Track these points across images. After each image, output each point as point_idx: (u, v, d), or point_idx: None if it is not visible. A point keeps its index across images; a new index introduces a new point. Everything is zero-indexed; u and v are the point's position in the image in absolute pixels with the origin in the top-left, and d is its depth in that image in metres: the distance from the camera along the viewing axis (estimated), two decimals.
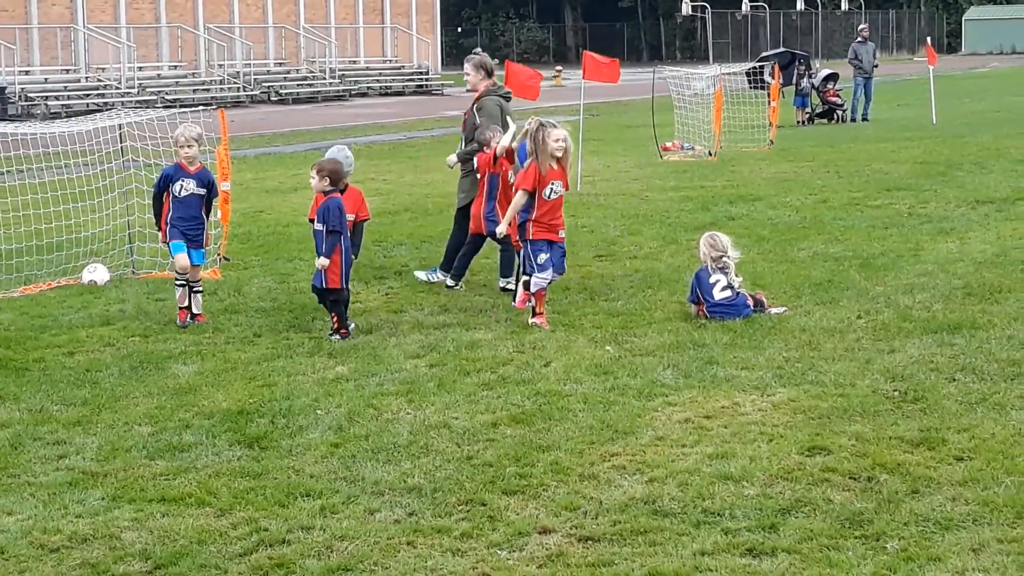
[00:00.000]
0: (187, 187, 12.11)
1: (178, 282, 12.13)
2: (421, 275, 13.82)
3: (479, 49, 25.50)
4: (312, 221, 11.62)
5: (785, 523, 6.92)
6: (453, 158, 14.00)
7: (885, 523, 6.86)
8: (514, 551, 6.72)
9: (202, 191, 12.21)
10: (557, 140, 11.56)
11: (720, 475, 7.64)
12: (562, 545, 6.76)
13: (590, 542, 6.80)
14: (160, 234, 12.42)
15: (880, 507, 7.08)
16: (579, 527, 6.98)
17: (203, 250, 12.39)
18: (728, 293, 11.62)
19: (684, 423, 8.71)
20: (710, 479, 7.58)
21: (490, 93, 13.94)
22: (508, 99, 14.12)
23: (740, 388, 9.47)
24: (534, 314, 11.65)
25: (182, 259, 12.01)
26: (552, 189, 11.64)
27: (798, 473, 7.63)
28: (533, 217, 11.68)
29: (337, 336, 11.27)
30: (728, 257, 11.79)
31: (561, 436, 8.48)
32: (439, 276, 13.60)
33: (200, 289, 12.25)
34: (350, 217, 12.05)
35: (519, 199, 11.65)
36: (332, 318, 11.43)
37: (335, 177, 11.60)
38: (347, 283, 11.58)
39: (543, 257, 11.60)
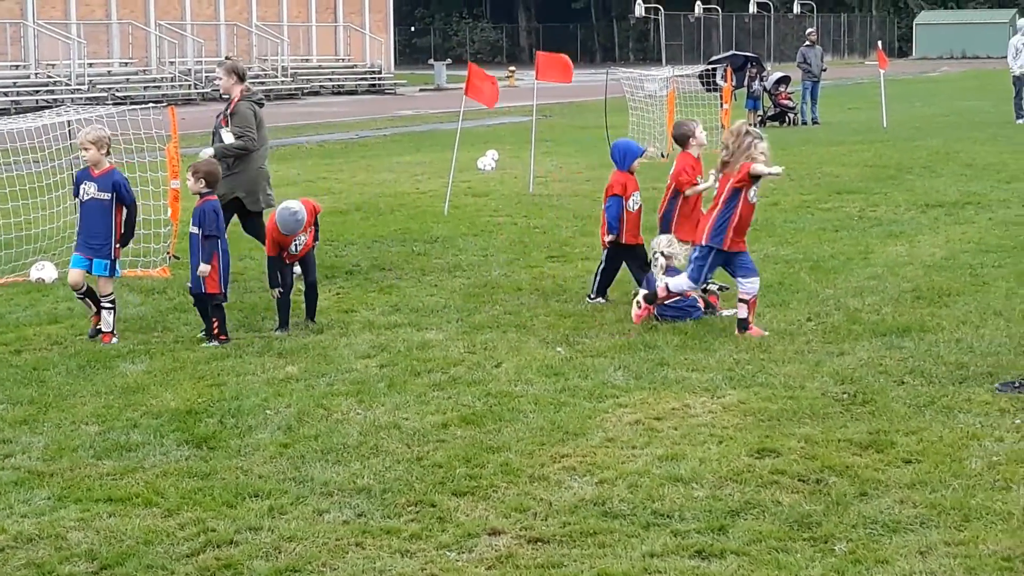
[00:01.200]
0: (88, 191, 11.42)
1: (76, 296, 11.63)
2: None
3: (231, 54, 25.49)
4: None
5: (734, 525, 6.93)
6: (209, 151, 13.76)
7: (833, 525, 6.88)
8: (463, 552, 6.70)
9: (105, 195, 11.41)
10: (764, 153, 11.04)
11: (670, 477, 7.64)
12: (511, 546, 6.75)
13: (539, 543, 6.78)
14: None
15: (828, 509, 7.10)
16: (529, 528, 6.97)
17: (107, 261, 11.43)
18: (677, 296, 11.65)
19: (634, 424, 8.71)
20: (660, 481, 7.59)
21: (245, 98, 13.87)
22: (261, 105, 14.14)
23: (690, 390, 9.49)
24: (745, 327, 11.00)
25: (73, 275, 11.43)
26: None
27: (747, 475, 7.65)
28: (735, 223, 11.11)
29: (215, 342, 11.14)
30: (660, 254, 11.83)
31: (511, 437, 8.47)
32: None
33: (110, 305, 11.42)
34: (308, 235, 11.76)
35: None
36: (213, 323, 11.25)
37: (211, 179, 11.47)
38: (226, 288, 11.43)
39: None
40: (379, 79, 61.75)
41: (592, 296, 12.51)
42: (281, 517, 7.18)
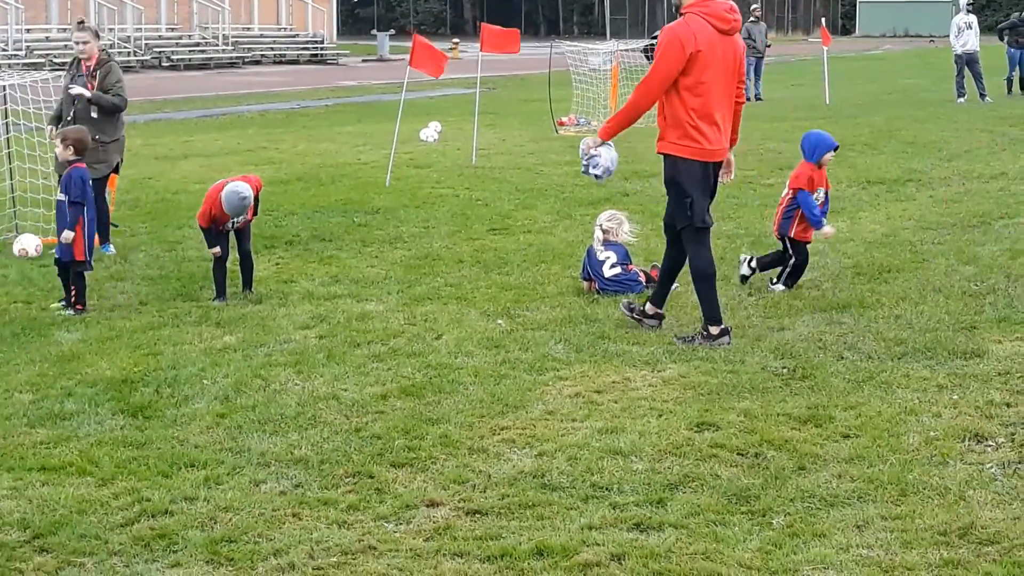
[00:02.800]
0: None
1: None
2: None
3: (83, 17, 25.28)
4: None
5: (673, 498, 6.92)
6: (86, 93, 13.45)
7: (771, 499, 6.89)
8: (401, 524, 6.66)
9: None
10: None
11: (609, 450, 7.63)
12: (450, 518, 6.71)
13: (478, 515, 6.75)
14: None
15: (767, 483, 7.11)
16: (467, 500, 6.93)
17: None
18: (618, 270, 11.65)
19: (575, 397, 8.69)
20: (599, 453, 7.57)
21: (109, 59, 13.86)
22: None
23: (631, 363, 9.47)
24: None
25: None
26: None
27: (686, 448, 7.64)
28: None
29: (71, 311, 11.03)
30: (598, 226, 11.88)
31: (451, 409, 8.43)
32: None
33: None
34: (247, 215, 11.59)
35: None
36: (71, 291, 11.11)
37: (80, 147, 11.32)
38: (91, 256, 11.28)
39: None
40: (321, 49, 61.39)
41: (774, 282, 11.93)
42: (217, 487, 7.11)
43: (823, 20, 44.17)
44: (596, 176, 10.43)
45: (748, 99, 36.96)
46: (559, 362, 9.51)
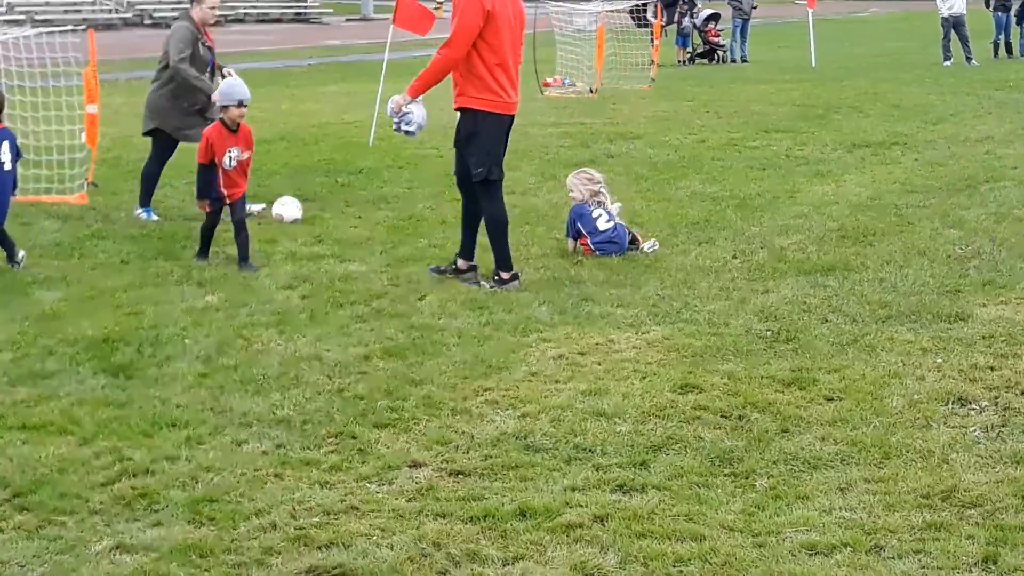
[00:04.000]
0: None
1: None
2: None
3: None
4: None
5: (656, 460, 6.91)
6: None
7: (755, 461, 6.88)
8: (383, 484, 6.64)
9: None
10: None
11: (593, 411, 7.61)
12: (432, 479, 6.69)
13: (461, 476, 6.73)
14: None
15: (750, 445, 7.10)
16: (450, 461, 6.91)
17: None
18: (611, 225, 11.63)
19: (558, 359, 8.67)
20: (582, 415, 7.55)
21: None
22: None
23: (615, 325, 9.45)
24: None
25: None
26: None
27: (670, 411, 7.63)
28: None
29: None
30: (603, 187, 11.87)
31: (434, 370, 8.40)
32: None
33: None
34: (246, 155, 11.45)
35: None
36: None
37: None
38: (3, 218, 11.01)
39: None
40: (305, 8, 61.08)
41: None
42: (199, 447, 7.08)
43: None
44: (408, 132, 10.63)
45: (734, 60, 37.06)
46: (543, 324, 9.49)
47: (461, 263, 10.80)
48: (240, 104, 11.27)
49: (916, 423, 7.43)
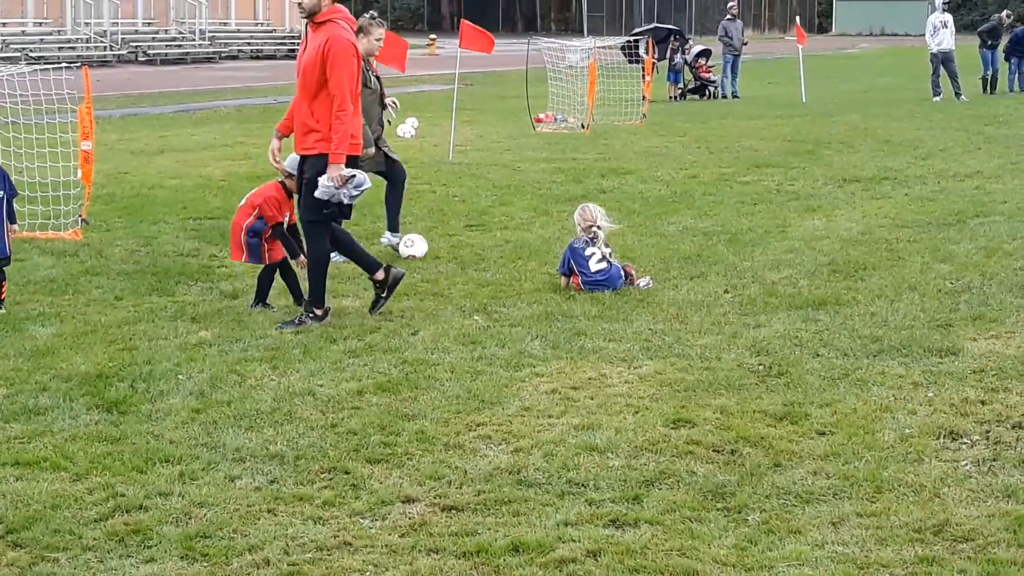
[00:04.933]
0: None
1: None
2: None
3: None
4: None
5: (649, 494, 6.92)
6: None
7: (747, 496, 6.89)
8: (376, 520, 6.65)
9: None
10: None
11: (585, 446, 7.62)
12: (425, 514, 6.70)
13: (454, 511, 6.74)
14: None
15: (743, 480, 7.11)
16: (443, 496, 6.92)
17: None
18: (603, 265, 11.64)
19: (551, 394, 8.69)
20: (575, 450, 7.57)
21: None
22: None
23: (607, 360, 9.48)
24: None
25: None
26: None
27: (663, 445, 7.65)
28: None
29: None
30: (598, 227, 11.80)
31: (427, 405, 8.42)
32: None
33: None
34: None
35: None
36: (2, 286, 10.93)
37: None
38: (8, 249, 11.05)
39: None
40: (298, 44, 61.23)
41: None
42: (192, 483, 7.09)
43: (797, 18, 44.26)
44: (364, 189, 10.42)
45: (725, 96, 37.19)
46: (535, 358, 9.51)
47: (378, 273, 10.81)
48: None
49: (908, 457, 7.45)
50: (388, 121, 13.51)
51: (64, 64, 16.88)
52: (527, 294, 11.52)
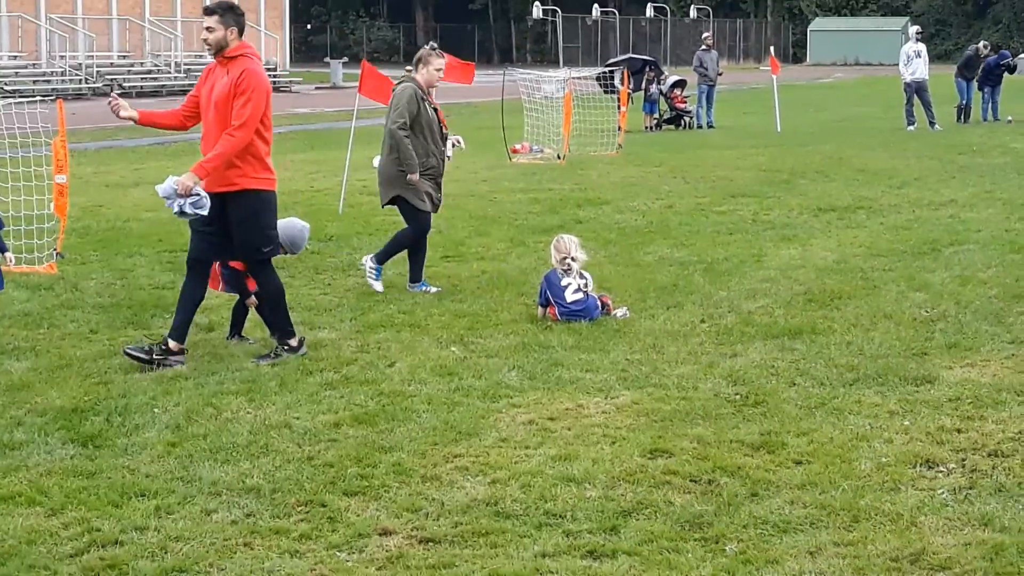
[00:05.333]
0: None
1: None
2: None
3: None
4: None
5: (626, 525, 6.92)
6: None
7: (724, 525, 6.89)
8: (354, 552, 6.63)
9: None
10: None
11: (563, 477, 7.62)
12: (402, 546, 6.68)
13: (431, 543, 6.73)
14: None
15: (720, 510, 7.11)
16: (420, 528, 6.91)
17: None
18: (579, 296, 11.65)
19: (528, 425, 8.68)
20: (553, 481, 7.56)
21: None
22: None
23: (584, 390, 9.48)
24: None
25: None
26: None
27: (640, 475, 7.64)
28: None
29: None
30: (572, 259, 11.81)
31: (404, 437, 8.40)
32: None
33: None
34: None
35: None
36: None
37: None
38: None
39: None
40: (274, 76, 61.26)
41: None
42: (168, 517, 7.06)
43: (772, 49, 44.46)
44: (197, 214, 10.24)
45: (700, 126, 37.32)
46: (512, 389, 9.50)
47: (173, 344, 10.26)
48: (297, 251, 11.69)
49: (884, 486, 7.46)
50: (448, 157, 13.36)
51: (39, 97, 16.85)
52: (504, 325, 11.52)
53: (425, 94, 13.07)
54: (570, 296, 11.62)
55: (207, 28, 10.13)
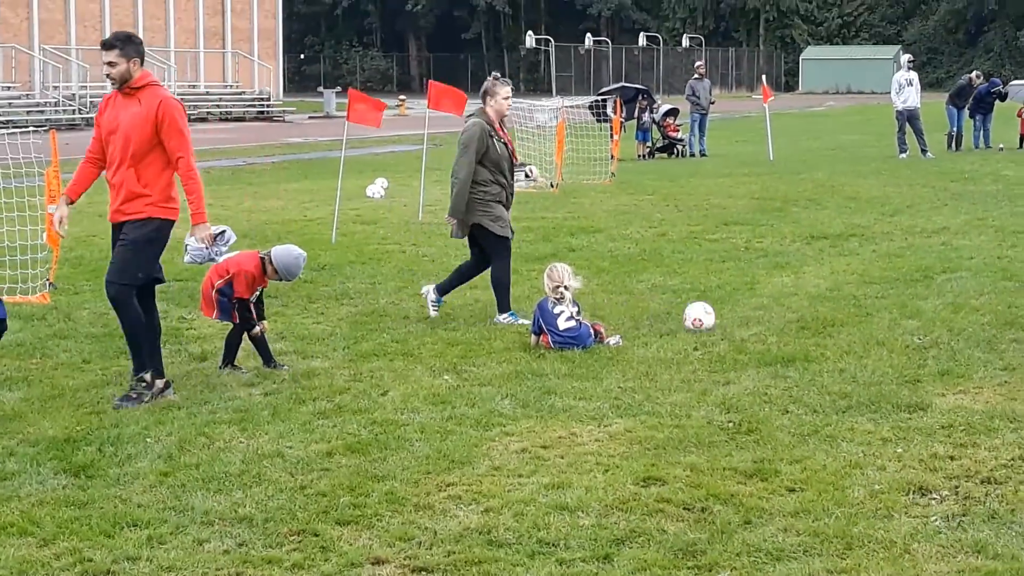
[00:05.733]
0: None
1: None
2: None
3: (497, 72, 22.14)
4: None
5: (619, 553, 6.91)
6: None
7: (718, 553, 6.88)
8: None
9: None
10: None
11: (556, 505, 7.61)
12: None
13: (424, 573, 6.71)
14: None
15: (713, 537, 7.11)
16: (413, 558, 6.89)
17: None
18: (572, 324, 11.65)
19: (521, 453, 8.67)
20: (546, 509, 7.55)
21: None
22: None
23: (577, 418, 9.47)
24: None
25: None
26: None
27: (633, 503, 7.64)
28: None
29: None
30: (565, 288, 11.82)
31: (397, 466, 8.39)
32: None
33: None
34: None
35: None
36: None
37: None
38: None
39: None
40: (268, 106, 61.41)
41: None
42: (160, 547, 7.04)
43: (764, 77, 44.57)
44: (230, 243, 10.21)
45: (693, 154, 37.41)
46: (505, 417, 9.50)
47: (159, 381, 10.19)
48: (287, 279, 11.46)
49: (878, 513, 7.46)
50: (535, 180, 13.34)
51: (32, 128, 16.86)
52: (497, 353, 11.52)
53: (493, 128, 13.08)
54: (563, 324, 11.63)
55: (108, 63, 9.95)
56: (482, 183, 12.95)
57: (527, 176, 13.59)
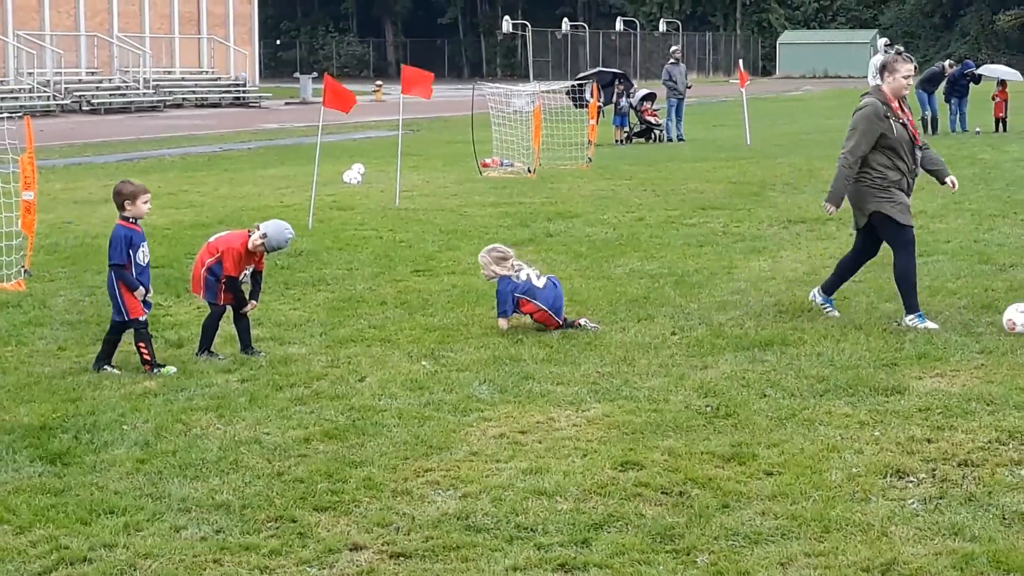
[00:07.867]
0: None
1: None
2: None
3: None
4: None
5: (598, 538, 6.91)
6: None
7: (696, 537, 6.89)
8: (324, 568, 6.60)
9: None
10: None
11: (534, 490, 7.60)
12: (373, 562, 6.66)
13: (402, 558, 6.70)
14: None
15: (691, 521, 7.11)
16: (391, 543, 6.88)
17: None
18: (544, 280, 11.72)
19: (499, 438, 8.67)
20: (524, 494, 7.54)
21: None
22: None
23: (555, 403, 9.47)
24: None
25: None
26: None
27: (611, 488, 7.64)
28: None
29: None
30: (514, 257, 11.93)
31: (375, 451, 8.37)
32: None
33: None
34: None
35: None
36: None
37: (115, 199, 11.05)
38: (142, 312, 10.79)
39: None
40: (244, 92, 61.18)
41: None
42: (137, 534, 7.02)
43: (740, 61, 44.55)
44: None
45: (670, 139, 37.37)
46: (483, 403, 9.49)
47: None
48: (276, 250, 11.37)
49: (855, 496, 7.47)
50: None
51: (6, 114, 16.76)
52: (475, 338, 11.51)
53: (890, 108, 12.05)
54: (539, 282, 11.66)
55: None
56: (879, 167, 12.03)
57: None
